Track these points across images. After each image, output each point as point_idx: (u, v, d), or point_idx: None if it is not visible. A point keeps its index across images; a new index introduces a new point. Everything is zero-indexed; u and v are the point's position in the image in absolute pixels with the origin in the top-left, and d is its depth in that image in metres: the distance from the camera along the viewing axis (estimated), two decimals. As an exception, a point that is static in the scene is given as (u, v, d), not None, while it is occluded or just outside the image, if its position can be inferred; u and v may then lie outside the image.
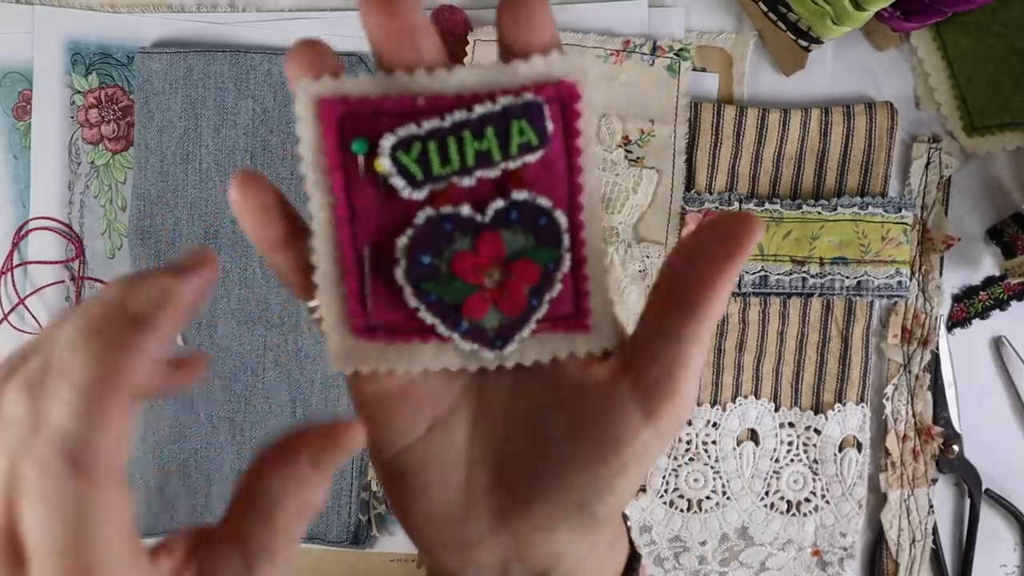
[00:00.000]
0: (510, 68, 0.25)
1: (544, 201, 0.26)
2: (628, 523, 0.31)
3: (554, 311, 0.27)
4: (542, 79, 0.25)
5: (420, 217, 0.25)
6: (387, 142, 0.25)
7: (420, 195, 0.25)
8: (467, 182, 0.25)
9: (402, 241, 0.26)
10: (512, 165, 0.25)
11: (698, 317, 0.26)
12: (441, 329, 0.26)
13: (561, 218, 0.26)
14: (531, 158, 0.26)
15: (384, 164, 0.25)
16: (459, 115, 0.25)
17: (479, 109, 0.25)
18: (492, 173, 0.25)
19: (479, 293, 0.26)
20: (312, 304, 0.27)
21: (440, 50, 0.26)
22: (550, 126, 0.25)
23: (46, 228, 0.61)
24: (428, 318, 0.26)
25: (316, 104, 0.25)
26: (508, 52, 0.26)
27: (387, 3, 0.25)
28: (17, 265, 0.61)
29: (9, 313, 0.61)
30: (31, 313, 0.61)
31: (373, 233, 0.26)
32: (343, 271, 0.26)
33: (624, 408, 0.26)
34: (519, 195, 0.26)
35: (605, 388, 0.27)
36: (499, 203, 0.26)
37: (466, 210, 0.26)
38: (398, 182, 0.25)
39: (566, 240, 0.26)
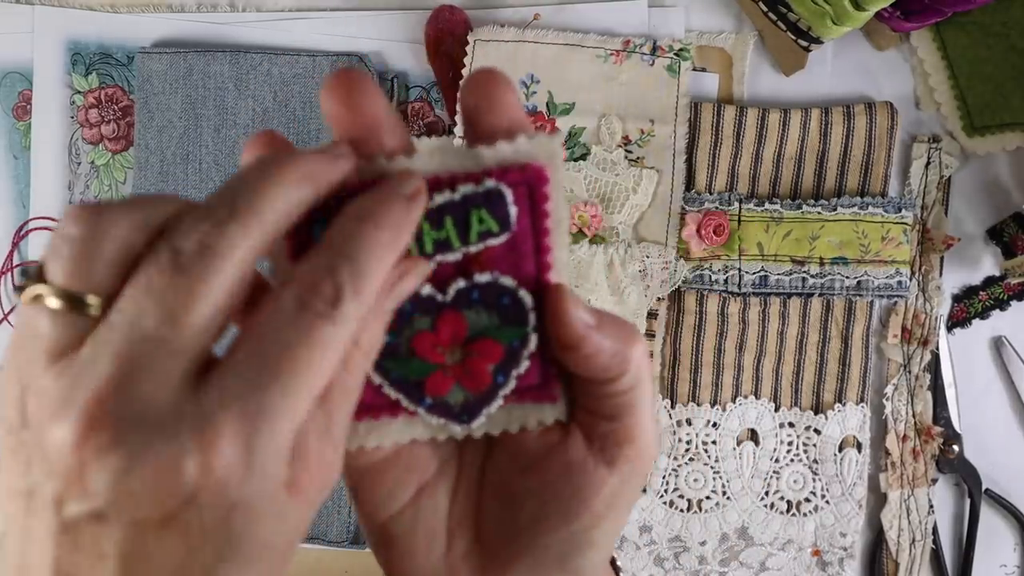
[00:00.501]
0: (473, 152, 0.25)
1: (507, 281, 0.26)
2: (620, 574, 0.32)
3: (521, 382, 0.27)
4: (508, 163, 0.25)
5: None
6: None
7: None
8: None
9: None
10: (473, 250, 0.26)
11: (616, 378, 0.26)
12: (406, 404, 0.27)
13: (526, 297, 0.26)
14: (494, 242, 0.26)
15: None
16: None
17: (438, 199, 0.25)
18: (452, 257, 0.26)
19: (440, 371, 0.26)
20: None
21: (402, 139, 0.26)
22: (513, 211, 0.25)
23: (46, 228, 0.61)
24: (392, 394, 0.27)
25: None
26: (473, 134, 0.26)
27: (347, 97, 0.24)
28: (17, 265, 0.61)
29: (9, 313, 0.61)
30: (31, 313, 0.61)
31: None
32: None
33: (585, 463, 0.27)
34: (481, 277, 0.26)
35: (565, 446, 0.27)
36: (460, 283, 0.26)
37: (427, 290, 0.26)
38: None
39: (532, 318, 0.26)
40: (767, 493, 0.61)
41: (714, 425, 0.61)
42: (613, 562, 0.31)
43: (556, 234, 0.26)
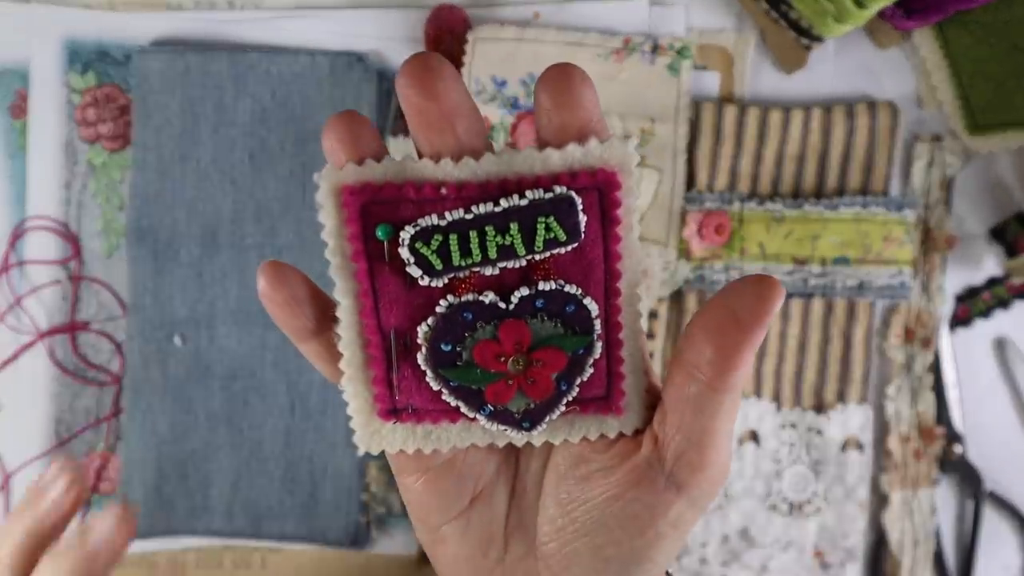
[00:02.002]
0: (542, 156, 0.25)
1: (573, 289, 0.25)
2: None
3: (585, 393, 0.27)
4: (579, 166, 0.25)
5: (441, 305, 0.25)
6: (406, 234, 0.25)
7: (439, 283, 0.25)
8: (490, 271, 0.25)
9: (423, 329, 0.26)
10: (539, 257, 0.25)
11: (720, 391, 0.25)
12: (465, 410, 0.26)
13: (592, 305, 0.26)
14: (560, 251, 0.25)
15: (403, 254, 0.25)
16: (483, 208, 0.24)
17: (504, 203, 0.24)
18: (517, 264, 0.25)
19: (502, 380, 0.26)
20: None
21: (480, 132, 0.25)
22: (583, 219, 0.25)
23: (43, 228, 0.61)
24: (452, 401, 0.26)
25: (337, 192, 0.25)
26: (545, 134, 0.25)
27: (427, 84, 0.23)
28: (14, 265, 0.61)
29: (6, 313, 0.61)
30: (28, 314, 0.61)
31: (399, 318, 0.26)
32: (368, 358, 0.26)
33: (655, 482, 0.26)
34: (546, 285, 0.25)
35: (634, 463, 0.27)
36: (524, 291, 0.25)
37: (490, 297, 0.25)
38: (415, 271, 0.25)
39: (598, 326, 0.26)
40: (769, 494, 0.61)
41: (715, 426, 0.60)
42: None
43: (627, 240, 0.26)
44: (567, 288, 0.25)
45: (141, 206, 0.60)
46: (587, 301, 0.26)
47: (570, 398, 0.26)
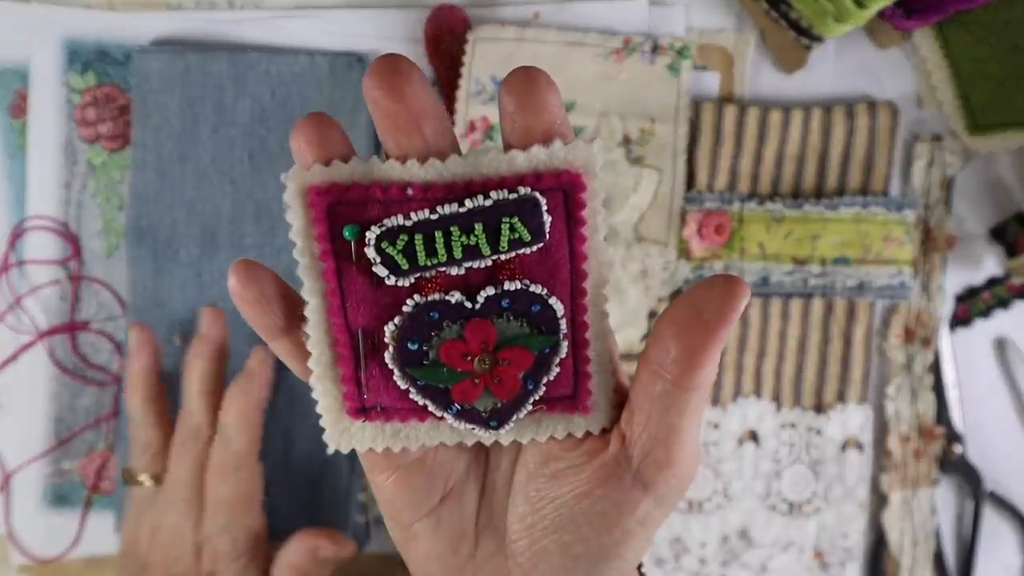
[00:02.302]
0: (508, 157, 0.25)
1: (538, 289, 0.26)
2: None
3: (552, 391, 0.27)
4: (544, 168, 0.25)
5: (408, 305, 0.26)
6: (372, 234, 0.25)
7: (405, 282, 0.25)
8: (456, 271, 0.25)
9: (390, 328, 0.26)
10: (504, 257, 0.25)
11: (686, 389, 0.25)
12: (433, 409, 0.27)
13: (557, 305, 0.26)
14: (525, 251, 0.25)
15: (369, 254, 0.25)
16: (449, 209, 0.25)
17: (469, 204, 0.25)
18: (482, 264, 0.25)
19: (469, 379, 0.26)
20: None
21: (446, 133, 0.25)
22: (547, 219, 0.25)
23: (43, 228, 0.61)
24: (419, 399, 0.26)
25: (304, 192, 0.25)
26: (509, 136, 0.25)
27: (395, 87, 0.24)
28: (13, 265, 0.61)
29: (6, 313, 0.61)
30: (27, 313, 0.61)
31: (366, 317, 0.26)
32: (336, 356, 0.27)
33: (622, 480, 0.26)
34: (511, 284, 0.25)
35: (601, 461, 0.27)
36: (490, 291, 0.25)
37: (456, 297, 0.26)
38: (381, 271, 0.25)
39: (563, 326, 0.26)
40: (768, 494, 0.61)
41: (715, 426, 0.60)
42: (639, 567, 0.30)
43: (593, 241, 0.26)
44: (532, 288, 0.26)
45: (140, 206, 0.60)
46: (552, 301, 0.26)
47: (537, 397, 0.27)
